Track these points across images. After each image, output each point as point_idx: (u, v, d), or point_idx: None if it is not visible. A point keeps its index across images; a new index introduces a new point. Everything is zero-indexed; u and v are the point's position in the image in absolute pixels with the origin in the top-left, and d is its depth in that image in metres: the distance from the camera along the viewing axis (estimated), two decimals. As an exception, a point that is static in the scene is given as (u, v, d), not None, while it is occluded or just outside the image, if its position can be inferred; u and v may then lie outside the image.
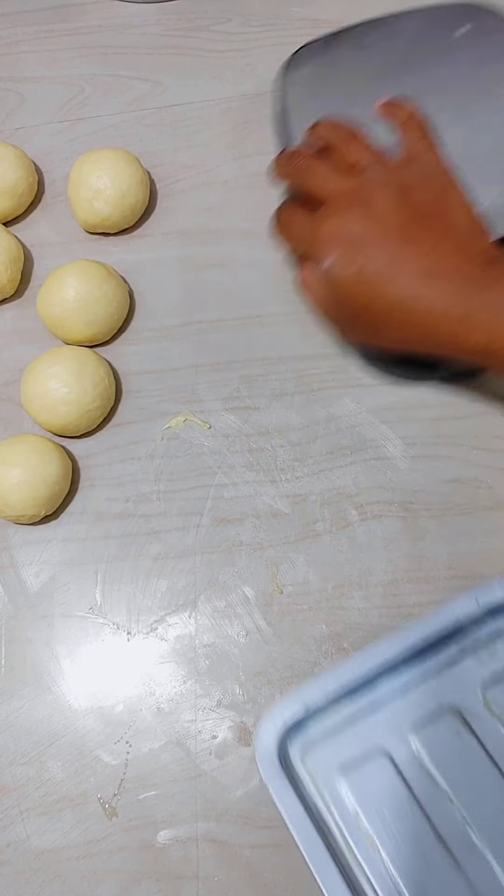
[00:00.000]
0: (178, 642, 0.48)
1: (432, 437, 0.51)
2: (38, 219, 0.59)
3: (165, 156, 0.60)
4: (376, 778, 0.41)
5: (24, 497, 0.47)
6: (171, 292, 0.55)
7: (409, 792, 0.40)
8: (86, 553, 0.50)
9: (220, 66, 0.63)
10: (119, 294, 0.53)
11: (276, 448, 0.51)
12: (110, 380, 0.52)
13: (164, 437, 0.51)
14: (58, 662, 0.48)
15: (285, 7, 0.65)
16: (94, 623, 0.48)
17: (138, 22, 0.65)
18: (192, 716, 0.46)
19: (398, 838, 0.39)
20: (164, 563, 0.49)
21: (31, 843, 0.44)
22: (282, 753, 0.41)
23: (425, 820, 0.40)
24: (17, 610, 0.49)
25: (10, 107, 0.62)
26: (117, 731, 0.46)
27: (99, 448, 0.52)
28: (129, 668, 0.48)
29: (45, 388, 0.49)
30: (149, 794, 0.45)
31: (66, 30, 0.65)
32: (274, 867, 0.43)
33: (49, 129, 0.61)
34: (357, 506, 0.49)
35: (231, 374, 0.53)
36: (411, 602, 0.47)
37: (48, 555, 0.50)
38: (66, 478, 0.49)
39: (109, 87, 0.63)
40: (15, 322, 0.56)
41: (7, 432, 0.52)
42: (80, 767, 0.46)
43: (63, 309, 0.51)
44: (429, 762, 0.41)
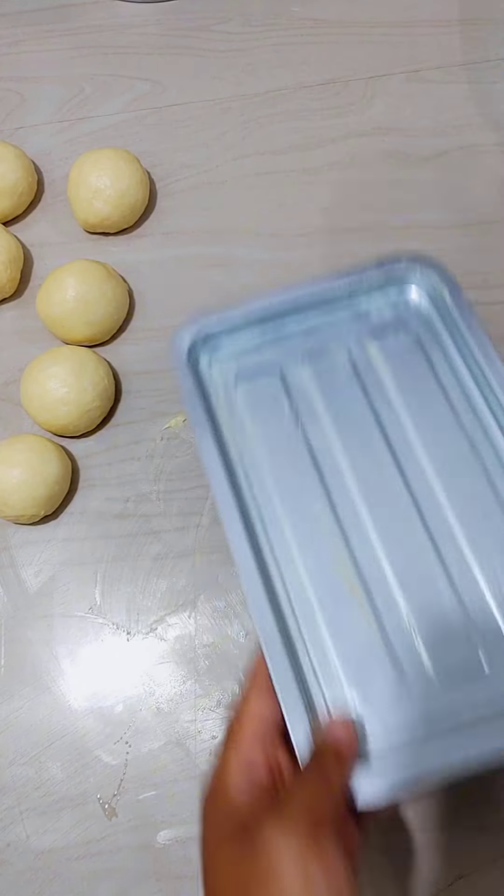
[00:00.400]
0: (178, 642, 0.48)
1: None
2: (38, 219, 0.59)
3: (165, 156, 0.60)
4: (267, 391, 0.47)
5: (23, 497, 0.47)
6: (171, 292, 0.55)
7: (293, 415, 0.46)
8: (86, 553, 0.50)
9: (220, 66, 0.63)
10: (119, 294, 0.53)
11: (276, 448, 0.51)
12: (110, 380, 0.52)
13: (163, 437, 0.51)
14: (58, 662, 0.48)
15: (285, 7, 0.65)
16: (93, 623, 0.48)
17: (138, 22, 0.65)
18: (191, 716, 0.46)
19: (281, 459, 0.45)
20: (164, 563, 0.49)
21: (31, 843, 0.44)
22: (192, 356, 0.47)
23: (305, 445, 0.45)
24: (16, 610, 0.49)
25: (10, 107, 0.62)
26: (117, 731, 0.46)
27: (99, 448, 0.52)
28: (129, 668, 0.48)
29: (45, 388, 0.49)
30: (149, 794, 0.45)
31: (66, 30, 0.65)
32: (274, 867, 0.43)
33: (49, 129, 0.61)
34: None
35: (231, 374, 0.53)
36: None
37: (48, 555, 0.50)
38: (65, 478, 0.49)
39: (109, 87, 0.63)
40: (15, 322, 0.56)
41: (7, 432, 0.52)
42: (80, 767, 0.46)
43: (63, 309, 0.51)
44: (314, 389, 0.46)
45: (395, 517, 0.42)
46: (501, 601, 0.39)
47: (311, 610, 0.40)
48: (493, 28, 0.64)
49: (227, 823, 0.32)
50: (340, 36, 0.64)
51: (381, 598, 0.40)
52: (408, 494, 0.43)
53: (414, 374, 0.46)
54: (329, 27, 0.64)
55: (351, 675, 0.39)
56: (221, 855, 0.31)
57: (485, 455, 0.43)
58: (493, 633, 0.39)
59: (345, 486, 0.43)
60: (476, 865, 0.43)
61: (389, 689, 0.38)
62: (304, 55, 0.64)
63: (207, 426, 0.44)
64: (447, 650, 0.39)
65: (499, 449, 0.43)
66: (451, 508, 0.42)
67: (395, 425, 0.45)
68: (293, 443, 0.45)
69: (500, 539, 0.41)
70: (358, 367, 0.47)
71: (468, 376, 0.46)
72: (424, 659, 0.39)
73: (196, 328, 0.47)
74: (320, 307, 0.48)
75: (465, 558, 0.41)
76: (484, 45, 0.64)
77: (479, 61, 0.63)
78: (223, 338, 0.48)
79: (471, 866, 0.43)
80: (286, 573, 0.41)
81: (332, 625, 0.40)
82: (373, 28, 0.64)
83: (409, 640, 0.39)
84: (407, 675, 0.38)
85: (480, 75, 0.62)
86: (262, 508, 0.43)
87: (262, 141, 0.60)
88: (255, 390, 0.47)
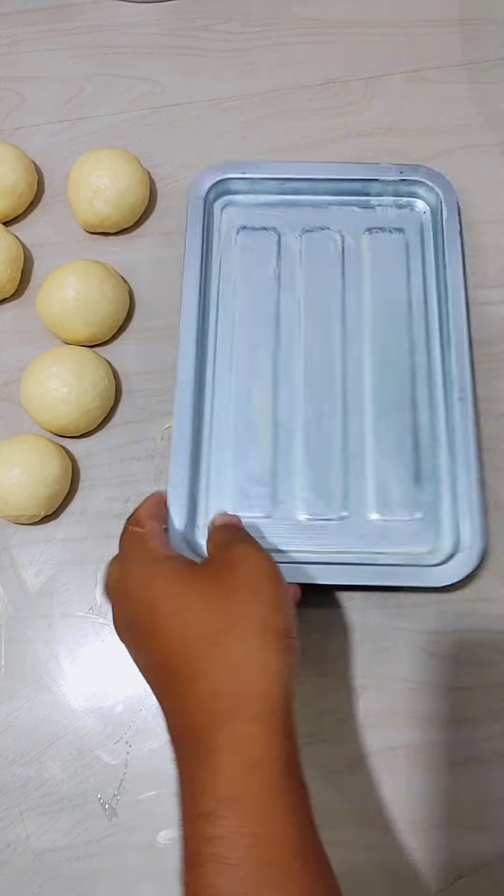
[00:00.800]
0: (178, 642, 0.48)
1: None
2: (38, 219, 0.59)
3: (165, 156, 0.60)
4: (262, 248, 0.54)
5: (24, 497, 0.47)
6: (171, 292, 0.55)
7: (275, 275, 0.53)
8: (86, 553, 0.50)
9: (220, 66, 0.63)
10: (119, 294, 0.53)
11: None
12: (110, 380, 0.52)
13: (164, 437, 0.51)
14: (58, 662, 0.48)
15: (285, 7, 0.65)
16: (94, 623, 0.48)
17: (138, 22, 0.65)
18: (192, 716, 0.46)
19: (250, 305, 0.52)
20: (164, 563, 0.49)
21: (31, 843, 0.44)
22: (209, 196, 0.54)
23: (275, 302, 0.52)
24: (17, 610, 0.49)
25: (10, 107, 0.62)
26: (117, 731, 0.46)
27: (99, 448, 0.52)
28: (129, 668, 0.47)
29: (45, 388, 0.49)
30: (149, 794, 0.45)
31: (66, 30, 0.65)
32: (274, 867, 0.43)
33: (49, 129, 0.61)
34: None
35: (231, 374, 0.53)
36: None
37: (48, 555, 0.50)
38: (66, 478, 0.49)
39: (109, 87, 0.63)
40: (15, 322, 0.56)
41: (7, 432, 0.52)
42: (80, 767, 0.46)
43: (63, 309, 0.51)
44: (301, 260, 0.54)
45: (323, 385, 0.50)
46: (376, 476, 0.48)
47: (226, 433, 0.49)
48: (493, 28, 0.64)
49: (183, 568, 0.37)
50: (340, 36, 0.64)
51: (284, 444, 0.49)
52: (341, 369, 0.51)
53: (389, 273, 0.53)
54: (329, 27, 0.64)
55: (236, 498, 0.48)
56: (195, 586, 0.35)
57: (417, 360, 0.51)
58: (358, 496, 0.48)
59: (293, 345, 0.51)
60: (476, 865, 0.43)
61: (260, 524, 0.47)
62: (304, 55, 0.64)
63: (198, 254, 0.52)
64: (319, 501, 0.48)
65: (432, 357, 0.50)
66: (370, 392, 0.50)
67: (354, 311, 0.52)
68: (266, 297, 0.53)
69: (398, 431, 0.49)
70: (345, 253, 0.54)
71: (434, 290, 0.52)
72: (299, 503, 0.48)
73: (220, 171, 0.55)
74: (334, 189, 0.55)
75: (365, 435, 0.49)
76: (484, 45, 0.64)
77: (479, 61, 0.63)
78: (241, 189, 0.55)
79: (471, 866, 0.43)
80: (217, 394, 0.50)
81: (237, 450, 0.49)
82: (373, 28, 0.64)
83: (291, 485, 0.48)
84: (278, 514, 0.47)
85: (480, 75, 0.62)
86: (219, 339, 0.51)
87: (262, 141, 0.60)
88: (252, 244, 0.54)
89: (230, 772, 0.31)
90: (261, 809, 0.31)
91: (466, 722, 0.46)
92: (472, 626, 0.47)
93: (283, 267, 0.54)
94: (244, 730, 0.32)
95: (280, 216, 0.55)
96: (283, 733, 0.32)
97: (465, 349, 0.49)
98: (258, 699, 0.32)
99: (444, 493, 0.48)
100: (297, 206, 0.55)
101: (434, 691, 0.46)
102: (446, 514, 0.47)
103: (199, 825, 0.30)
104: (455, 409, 0.48)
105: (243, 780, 0.31)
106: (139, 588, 0.37)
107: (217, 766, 0.31)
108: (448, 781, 0.45)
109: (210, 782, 0.31)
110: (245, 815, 0.30)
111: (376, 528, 0.47)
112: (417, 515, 0.47)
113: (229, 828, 0.30)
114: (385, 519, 0.47)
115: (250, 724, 0.32)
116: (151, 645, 0.35)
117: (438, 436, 0.49)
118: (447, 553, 0.46)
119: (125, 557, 0.40)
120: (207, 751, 0.32)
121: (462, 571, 0.45)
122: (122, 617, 0.38)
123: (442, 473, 0.48)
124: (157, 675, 0.36)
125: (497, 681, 0.46)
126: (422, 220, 0.55)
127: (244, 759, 0.31)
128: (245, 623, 0.34)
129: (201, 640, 0.34)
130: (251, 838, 0.30)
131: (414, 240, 0.54)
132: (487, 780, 0.45)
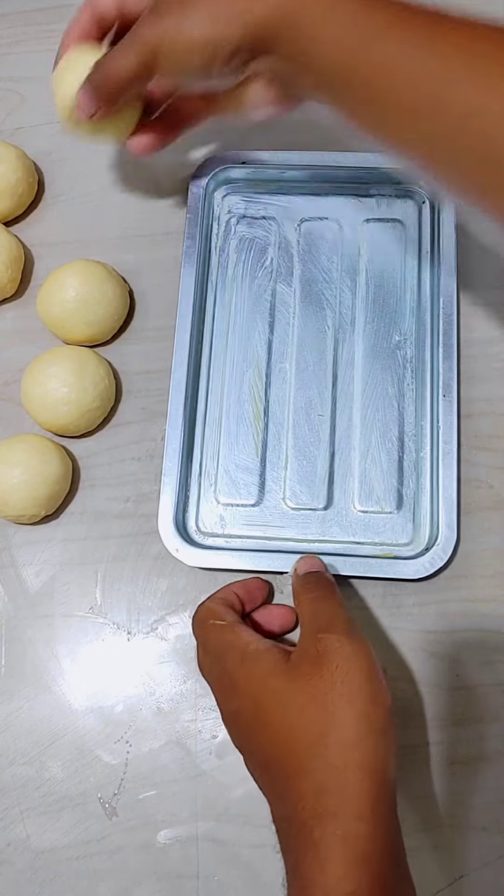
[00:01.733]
0: (179, 642, 0.48)
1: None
2: (38, 219, 0.59)
3: (165, 155, 0.60)
4: (261, 238, 0.55)
5: (24, 497, 0.47)
6: (171, 292, 0.55)
7: (272, 267, 0.54)
8: (86, 553, 0.50)
9: (220, 65, 0.63)
10: (119, 294, 0.53)
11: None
12: (110, 380, 0.52)
13: (163, 437, 0.51)
14: (58, 662, 0.48)
15: (285, 7, 0.65)
16: (94, 623, 0.48)
17: (138, 22, 0.65)
18: (192, 715, 0.46)
19: (247, 295, 0.53)
20: (165, 562, 0.49)
21: (31, 843, 0.44)
22: (208, 188, 0.55)
23: (270, 294, 0.53)
24: (17, 610, 0.49)
25: (10, 107, 0.62)
26: (117, 730, 0.46)
27: (99, 448, 0.52)
28: (129, 668, 0.48)
29: (45, 388, 0.49)
30: (149, 794, 0.45)
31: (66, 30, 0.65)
32: (274, 867, 0.43)
33: (49, 129, 0.61)
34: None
35: (231, 374, 0.53)
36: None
37: (48, 555, 0.50)
38: (66, 478, 0.49)
39: (109, 87, 0.63)
40: (15, 322, 0.56)
41: (7, 432, 0.52)
42: (80, 767, 0.46)
43: (63, 309, 0.51)
44: (299, 253, 0.54)
45: (314, 375, 0.51)
46: (361, 468, 0.49)
47: (219, 421, 0.51)
48: (494, 28, 0.64)
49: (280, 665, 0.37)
50: (340, 36, 0.64)
51: (273, 434, 0.50)
52: (332, 360, 0.51)
53: (386, 265, 0.53)
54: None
55: (223, 487, 0.49)
56: (296, 685, 0.36)
57: (407, 354, 0.51)
58: (342, 487, 0.49)
59: (286, 336, 0.52)
60: (476, 865, 0.43)
61: (248, 511, 0.49)
62: (304, 55, 0.63)
63: (197, 242, 0.53)
64: (305, 491, 0.49)
65: (422, 351, 0.51)
66: (360, 384, 0.51)
67: (349, 303, 0.53)
68: (263, 287, 0.53)
69: (385, 424, 0.50)
70: (343, 244, 0.54)
71: (427, 285, 0.52)
72: (285, 492, 0.49)
73: (220, 161, 0.55)
74: (334, 179, 0.55)
75: (352, 428, 0.50)
76: (484, 45, 0.63)
77: (479, 61, 0.63)
78: (241, 178, 0.56)
79: (471, 866, 0.43)
80: (212, 382, 0.52)
81: (228, 439, 0.50)
82: (373, 28, 0.64)
83: (278, 474, 0.50)
84: (265, 502, 0.49)
85: (480, 75, 0.62)
86: (216, 328, 0.53)
87: (262, 141, 0.60)
88: (251, 234, 0.55)
89: (338, 868, 0.31)
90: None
91: (466, 722, 0.46)
92: (473, 626, 0.47)
93: (281, 257, 0.54)
94: (351, 827, 0.32)
95: (279, 206, 0.55)
96: (388, 827, 0.33)
97: (454, 347, 0.50)
98: (363, 797, 0.33)
99: (424, 487, 0.48)
100: (296, 195, 0.56)
101: (434, 691, 0.46)
102: (425, 509, 0.48)
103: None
104: (439, 405, 0.49)
105: (352, 876, 0.31)
106: (245, 684, 0.37)
107: (324, 861, 0.32)
108: (448, 781, 0.45)
109: (320, 879, 0.31)
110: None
111: (358, 520, 0.48)
112: (398, 508, 0.48)
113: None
114: (366, 510, 0.48)
115: (356, 821, 0.32)
116: (259, 739, 0.36)
117: (422, 431, 0.49)
118: (424, 546, 0.47)
119: (222, 651, 0.40)
120: (312, 844, 0.32)
121: (434, 565, 0.46)
122: (228, 710, 0.39)
123: (424, 468, 0.49)
124: (262, 766, 0.36)
125: (497, 681, 0.46)
126: (420, 212, 0.55)
127: (351, 856, 0.32)
128: (345, 724, 0.34)
129: (304, 740, 0.34)
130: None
131: (412, 232, 0.54)
132: (488, 779, 0.45)
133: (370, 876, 0.31)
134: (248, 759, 0.38)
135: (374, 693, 0.35)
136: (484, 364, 0.52)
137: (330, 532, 0.48)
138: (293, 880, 0.33)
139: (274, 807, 0.35)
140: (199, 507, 0.49)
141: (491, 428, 0.51)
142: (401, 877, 0.33)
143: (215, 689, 0.40)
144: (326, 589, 0.42)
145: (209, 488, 0.50)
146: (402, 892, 0.33)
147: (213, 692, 0.40)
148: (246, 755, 0.38)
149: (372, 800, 0.33)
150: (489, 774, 0.45)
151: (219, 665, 0.39)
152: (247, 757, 0.38)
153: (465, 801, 0.44)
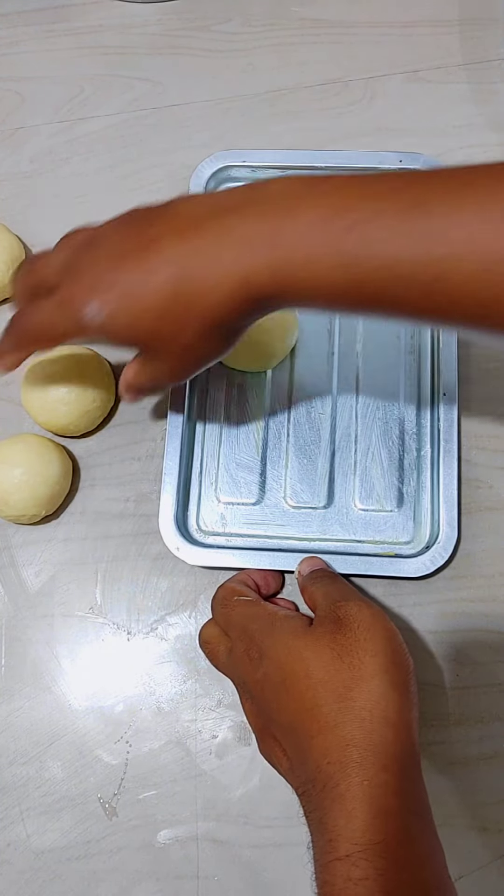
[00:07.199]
0: (179, 642, 0.48)
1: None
2: (38, 218, 0.59)
3: (165, 156, 0.60)
4: None
5: (24, 497, 0.47)
6: (171, 292, 0.55)
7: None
8: (86, 553, 0.50)
9: (220, 66, 0.63)
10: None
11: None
12: (110, 379, 0.52)
13: (164, 437, 0.51)
14: (58, 662, 0.48)
15: (285, 7, 0.65)
16: (94, 623, 0.48)
17: (138, 22, 0.65)
18: (192, 715, 0.46)
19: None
20: (165, 562, 0.49)
21: (31, 843, 0.44)
22: (208, 187, 0.55)
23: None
24: (17, 610, 0.49)
25: (10, 107, 0.62)
26: (117, 730, 0.46)
27: (99, 448, 0.52)
28: (129, 668, 0.48)
29: (45, 388, 0.49)
30: (149, 794, 0.45)
31: (66, 30, 0.65)
32: (274, 867, 0.43)
33: (49, 129, 0.61)
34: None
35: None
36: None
37: (48, 555, 0.50)
38: (66, 478, 0.49)
39: (109, 87, 0.63)
40: (15, 322, 0.56)
41: (7, 432, 0.52)
42: (80, 767, 0.46)
43: None
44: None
45: (315, 374, 0.51)
46: (361, 467, 0.49)
47: (219, 420, 0.51)
48: (493, 28, 0.64)
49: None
50: (340, 36, 0.64)
51: (274, 432, 0.50)
52: (333, 360, 0.51)
53: None
54: (329, 27, 0.64)
55: (224, 486, 0.49)
56: (318, 646, 0.37)
57: (408, 352, 0.51)
58: (343, 486, 0.49)
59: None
60: (476, 865, 0.43)
61: (249, 510, 0.49)
62: (304, 55, 0.64)
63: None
64: (306, 489, 0.49)
65: (423, 350, 0.51)
66: (361, 383, 0.51)
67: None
68: None
69: (385, 423, 0.50)
70: None
71: None
72: (286, 491, 0.49)
73: (221, 159, 0.56)
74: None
75: (352, 426, 0.50)
76: (484, 45, 0.63)
77: (479, 61, 0.63)
78: (242, 177, 0.56)
79: (471, 866, 0.43)
80: (212, 382, 0.51)
81: (228, 436, 0.50)
82: (373, 28, 0.64)
83: (279, 473, 0.50)
84: (266, 501, 0.49)
85: (480, 75, 0.62)
86: None
87: (262, 141, 0.60)
88: None
89: (364, 818, 0.32)
90: (398, 856, 0.31)
91: (466, 722, 0.46)
92: (473, 626, 0.47)
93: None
94: (377, 778, 0.32)
95: None
96: (413, 782, 0.34)
97: (454, 345, 0.50)
98: (389, 749, 0.33)
99: (425, 485, 0.49)
100: None
101: (434, 691, 0.46)
102: (426, 507, 0.48)
103: (342, 868, 0.31)
104: (440, 404, 0.49)
105: (378, 827, 0.32)
106: (272, 648, 0.38)
107: (351, 812, 0.32)
108: (448, 781, 0.45)
109: (347, 828, 0.32)
110: (385, 863, 0.31)
111: (359, 518, 0.48)
112: (399, 506, 0.48)
113: (375, 871, 0.30)
114: (367, 509, 0.48)
115: (382, 772, 0.33)
116: (284, 700, 0.36)
117: (423, 429, 0.50)
118: (425, 544, 0.47)
119: (248, 622, 0.40)
120: (338, 797, 0.32)
121: (435, 563, 0.46)
122: (254, 679, 0.38)
123: (424, 466, 0.49)
124: (287, 730, 0.36)
125: (497, 681, 0.46)
126: None
127: (377, 807, 0.32)
128: (370, 679, 0.35)
129: (331, 696, 0.35)
130: (395, 883, 0.31)
131: None
132: (488, 779, 0.45)
133: (396, 827, 0.32)
134: (271, 727, 0.38)
135: (396, 653, 0.36)
136: (484, 364, 0.52)
137: (331, 530, 0.48)
138: (319, 835, 0.33)
139: (297, 773, 0.36)
140: (200, 506, 0.49)
141: (491, 428, 0.51)
142: (429, 831, 0.33)
143: (241, 664, 0.39)
144: (334, 576, 0.44)
145: (210, 487, 0.50)
146: (430, 844, 0.33)
147: (237, 669, 0.40)
148: (270, 723, 0.38)
149: (397, 754, 0.33)
150: (489, 774, 0.45)
151: (246, 637, 0.39)
152: (271, 725, 0.38)
153: (465, 801, 0.44)
